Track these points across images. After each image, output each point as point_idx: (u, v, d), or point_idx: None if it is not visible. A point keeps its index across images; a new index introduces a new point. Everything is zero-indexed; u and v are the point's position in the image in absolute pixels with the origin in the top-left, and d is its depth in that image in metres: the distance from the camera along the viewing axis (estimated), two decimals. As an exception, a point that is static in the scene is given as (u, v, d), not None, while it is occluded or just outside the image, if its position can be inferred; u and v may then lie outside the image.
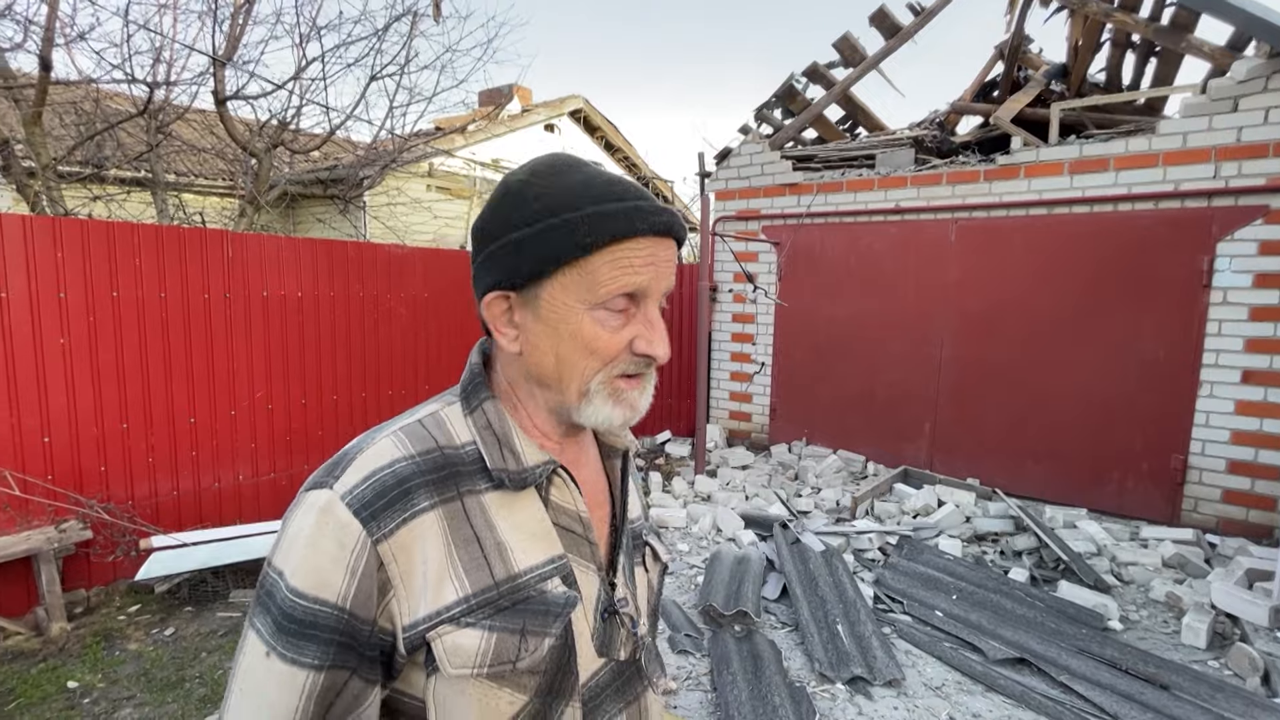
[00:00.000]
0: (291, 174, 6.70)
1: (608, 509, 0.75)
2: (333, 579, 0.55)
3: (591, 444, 0.76)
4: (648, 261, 0.60)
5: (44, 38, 4.13)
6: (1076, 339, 4.31)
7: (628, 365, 0.63)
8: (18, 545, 2.82)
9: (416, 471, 0.59)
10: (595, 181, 0.61)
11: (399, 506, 0.57)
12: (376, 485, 0.57)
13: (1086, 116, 4.80)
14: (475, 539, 0.60)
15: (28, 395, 2.97)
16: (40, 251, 2.99)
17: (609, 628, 0.68)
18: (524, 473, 0.63)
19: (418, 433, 0.62)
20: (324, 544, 0.56)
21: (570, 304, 0.60)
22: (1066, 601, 3.04)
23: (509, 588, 0.60)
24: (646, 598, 0.77)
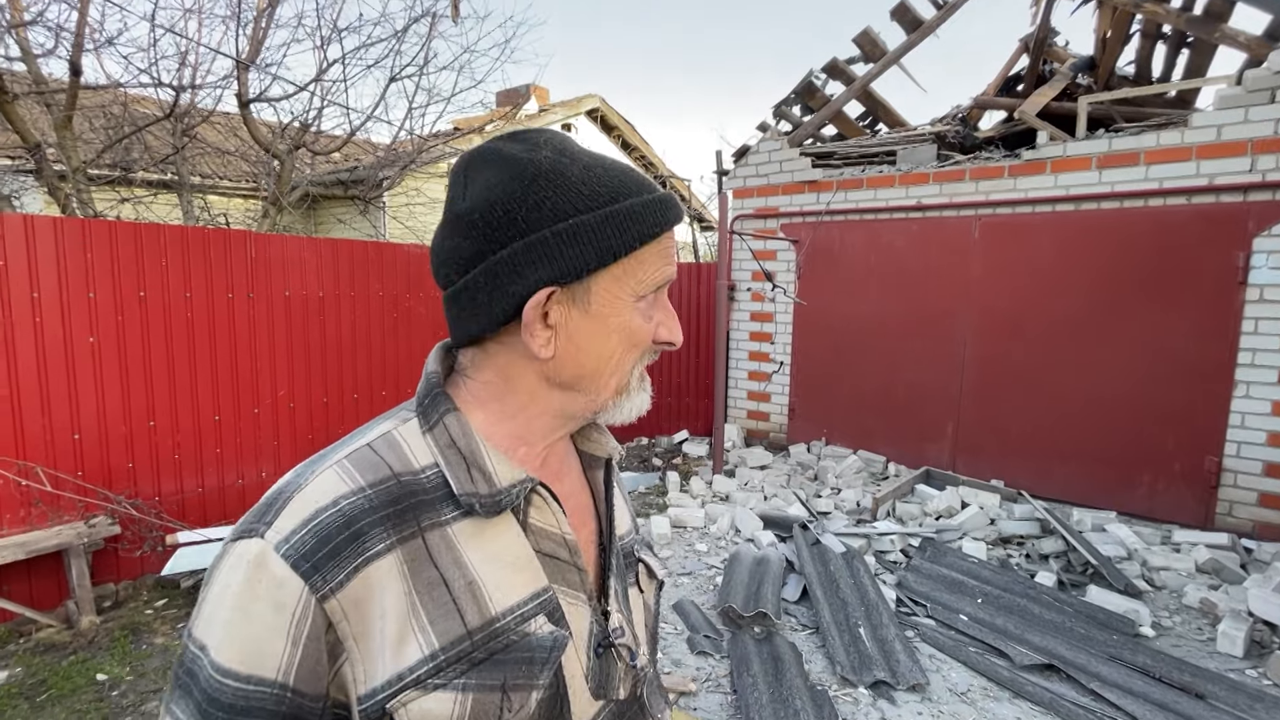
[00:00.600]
0: (313, 175, 6.79)
1: (594, 526, 0.67)
2: (270, 651, 0.46)
3: (573, 453, 0.69)
4: (670, 255, 0.59)
5: (74, 43, 4.22)
6: (1105, 337, 4.21)
7: (653, 354, 0.61)
8: (49, 540, 2.88)
9: (368, 508, 0.50)
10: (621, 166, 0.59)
11: (348, 553, 0.48)
12: (318, 530, 0.48)
13: (1115, 110, 4.68)
14: (442, 581, 0.51)
15: (58, 393, 3.04)
16: (70, 252, 3.05)
17: (605, 664, 0.60)
18: (497, 495, 0.54)
19: (367, 460, 0.53)
20: (257, 608, 0.46)
21: (622, 296, 0.56)
22: (1096, 607, 2.97)
23: (485, 635, 0.51)
24: (644, 622, 0.69)
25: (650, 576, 0.72)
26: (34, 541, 2.86)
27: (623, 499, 0.74)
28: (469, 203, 0.54)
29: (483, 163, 0.55)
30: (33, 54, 4.38)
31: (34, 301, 2.95)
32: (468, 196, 0.55)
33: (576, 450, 0.70)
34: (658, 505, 4.56)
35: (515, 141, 0.56)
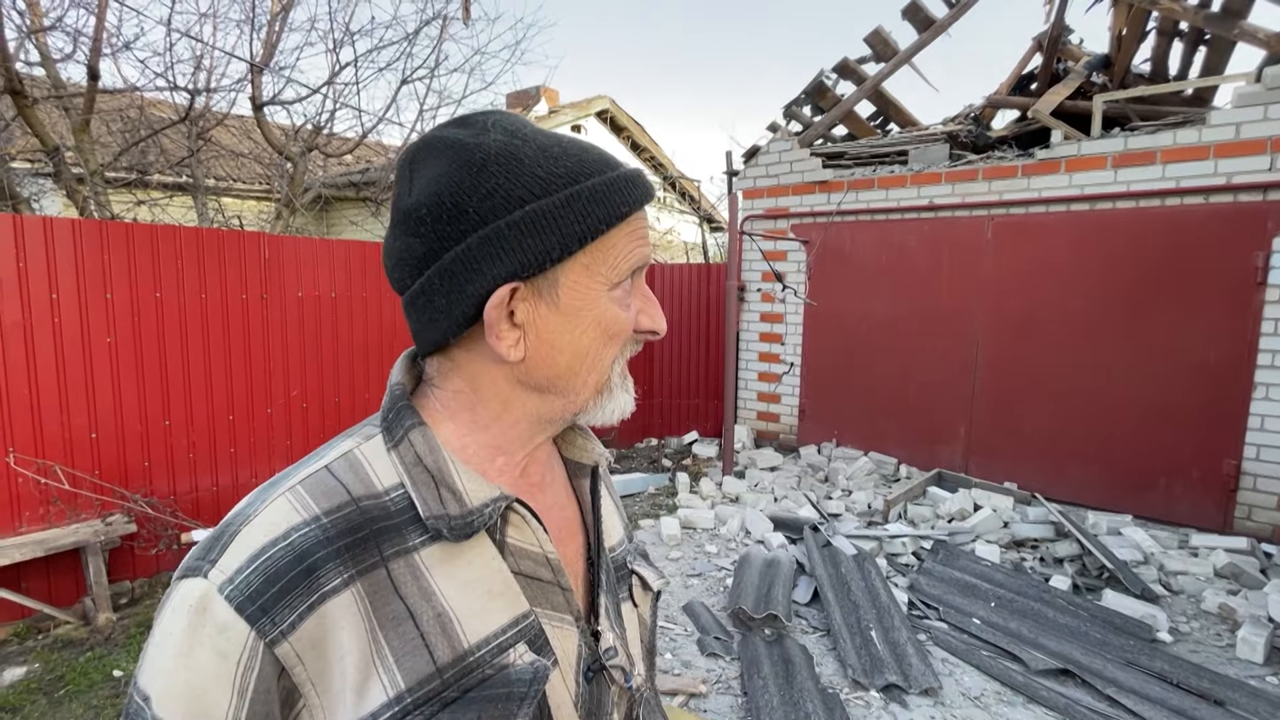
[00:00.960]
0: (325, 177, 6.85)
1: (580, 540, 0.62)
2: (214, 705, 0.42)
3: (556, 460, 0.64)
4: (642, 236, 0.54)
5: (92, 48, 4.28)
6: (1121, 339, 4.16)
7: (633, 346, 0.56)
8: (67, 537, 2.92)
9: (322, 540, 0.45)
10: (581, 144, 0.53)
11: (300, 591, 0.43)
12: (266, 568, 0.43)
13: (1131, 108, 4.63)
14: (409, 614, 0.46)
15: (76, 393, 3.08)
16: (88, 254, 3.09)
17: (596, 689, 0.56)
18: (468, 516, 0.49)
19: (324, 485, 0.48)
20: (199, 655, 0.42)
21: (593, 286, 0.51)
22: (1112, 611, 2.93)
23: (457, 672, 0.47)
24: (640, 638, 0.65)
25: (645, 589, 0.67)
26: (53, 539, 2.90)
27: (613, 507, 0.69)
28: (415, 197, 0.49)
29: (427, 152, 0.50)
30: (52, 59, 4.45)
31: (53, 303, 3.00)
32: (414, 191, 0.50)
33: (561, 457, 0.65)
34: (667, 506, 4.56)
35: (461, 126, 0.51)
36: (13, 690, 2.55)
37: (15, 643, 2.88)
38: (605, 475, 0.70)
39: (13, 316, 2.88)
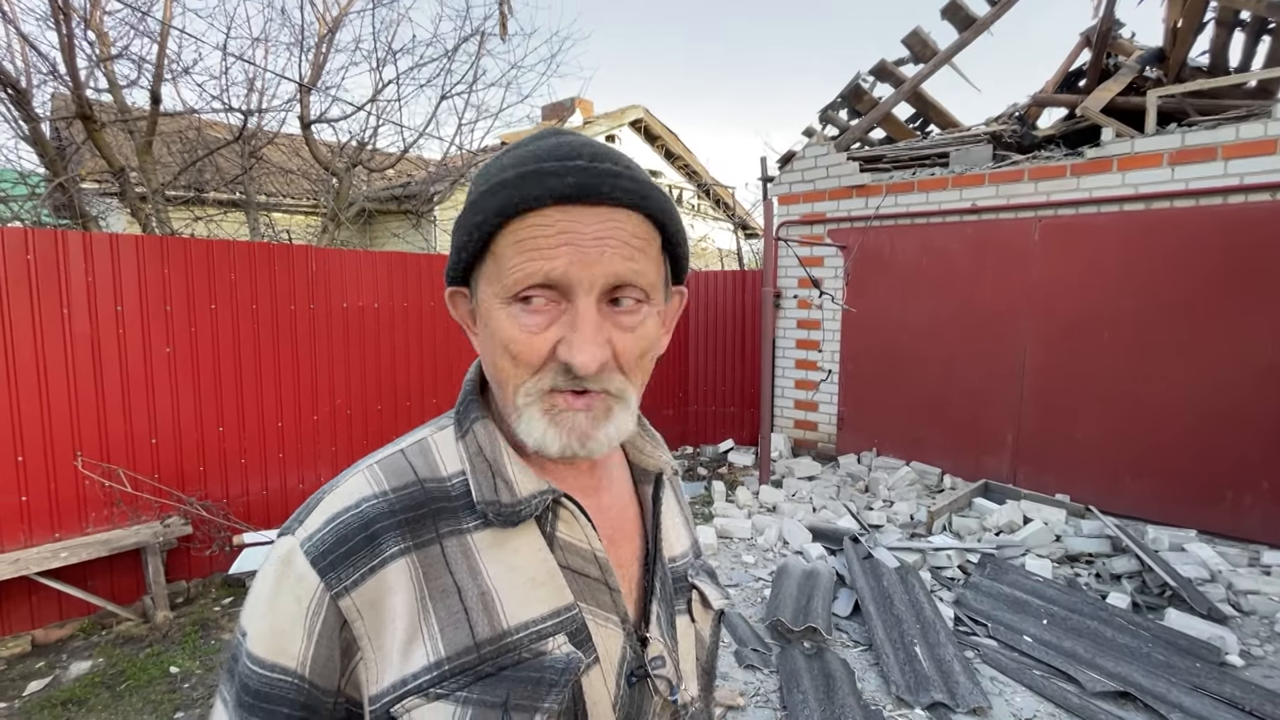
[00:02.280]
0: (369, 191, 7.07)
1: (638, 544, 0.61)
2: (290, 642, 0.47)
3: (619, 466, 0.64)
4: (561, 241, 0.46)
5: (154, 74, 4.54)
6: (1181, 342, 3.96)
7: (555, 378, 0.49)
8: (129, 538, 3.07)
9: (386, 512, 0.50)
10: (538, 148, 0.49)
11: (364, 554, 0.48)
12: (338, 530, 0.49)
13: (1188, 103, 4.42)
14: (455, 589, 0.49)
15: (139, 401, 3.24)
16: (150, 268, 3.26)
17: (637, 695, 0.55)
18: (516, 505, 0.51)
19: (396, 466, 0.53)
20: (282, 600, 0.48)
21: (491, 298, 0.50)
22: (1176, 632, 2.77)
23: (494, 649, 0.49)
24: (695, 655, 0.63)
25: (705, 606, 0.65)
26: (116, 539, 3.04)
27: (679, 519, 0.68)
28: None
29: None
30: (118, 85, 4.73)
31: (118, 315, 3.16)
32: None
33: (630, 462, 0.65)
34: (703, 515, 4.52)
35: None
36: (79, 683, 2.68)
37: (81, 638, 3.03)
38: (674, 486, 0.70)
39: (82, 328, 3.05)
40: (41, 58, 4.34)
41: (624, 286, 0.49)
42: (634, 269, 0.48)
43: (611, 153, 0.51)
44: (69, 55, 4.08)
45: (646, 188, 0.49)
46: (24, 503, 2.93)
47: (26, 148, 4.76)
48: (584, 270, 0.46)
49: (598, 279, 0.47)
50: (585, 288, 0.47)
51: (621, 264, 0.47)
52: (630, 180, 0.48)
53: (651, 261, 0.50)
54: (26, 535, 2.94)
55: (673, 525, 0.66)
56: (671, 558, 0.63)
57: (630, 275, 0.48)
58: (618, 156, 0.51)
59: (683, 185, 12.23)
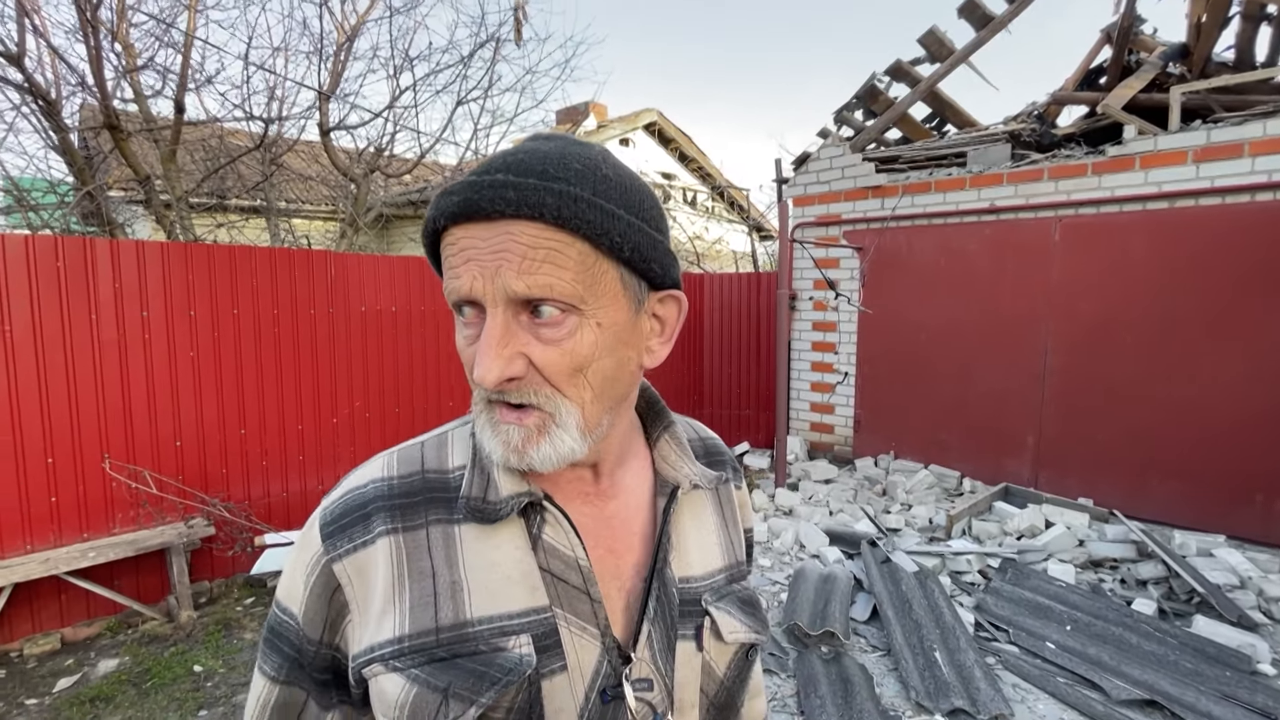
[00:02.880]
0: (386, 197, 7.15)
1: (641, 556, 0.59)
2: (296, 591, 0.54)
3: (640, 475, 0.62)
4: (464, 259, 0.47)
5: (178, 84, 4.63)
6: (1207, 343, 3.88)
7: (485, 390, 0.49)
8: (154, 539, 3.13)
9: (383, 494, 0.54)
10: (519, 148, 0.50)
11: (358, 529, 0.53)
12: (345, 504, 0.54)
13: (1213, 99, 4.34)
14: (431, 573, 0.52)
15: (164, 403, 3.30)
16: (175, 274, 3.32)
17: (611, 714, 0.52)
18: (495, 504, 0.53)
19: (410, 455, 0.57)
20: (300, 555, 0.55)
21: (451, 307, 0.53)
22: (1205, 639, 2.71)
23: (451, 636, 0.50)
24: (700, 686, 0.59)
25: (719, 638, 0.60)
26: (142, 540, 3.10)
27: (712, 537, 0.65)
28: None
29: None
30: (144, 95, 4.83)
31: (144, 320, 3.23)
32: None
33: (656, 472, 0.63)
34: (719, 518, 4.50)
35: None
36: (106, 681, 2.73)
37: (108, 636, 3.10)
38: (724, 502, 0.68)
39: (109, 334, 3.12)
40: (71, 70, 4.45)
41: (542, 299, 0.46)
42: (535, 282, 0.45)
43: (524, 161, 0.47)
44: (97, 67, 4.19)
45: (540, 194, 0.45)
46: (54, 503, 3.00)
47: (56, 157, 4.89)
48: (486, 285, 0.46)
49: (498, 293, 0.46)
50: (490, 301, 0.47)
51: (515, 279, 0.45)
52: (519, 189, 0.45)
53: (567, 270, 0.46)
54: (56, 535, 3.01)
55: (697, 543, 0.62)
56: (686, 577, 0.60)
57: (530, 290, 0.45)
58: (528, 164, 0.47)
59: (697, 188, 12.23)
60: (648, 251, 0.51)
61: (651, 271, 0.52)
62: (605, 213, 0.48)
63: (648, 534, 0.60)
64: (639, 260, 0.51)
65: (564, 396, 0.50)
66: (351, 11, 5.41)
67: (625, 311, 0.51)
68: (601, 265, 0.49)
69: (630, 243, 0.49)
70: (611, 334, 0.50)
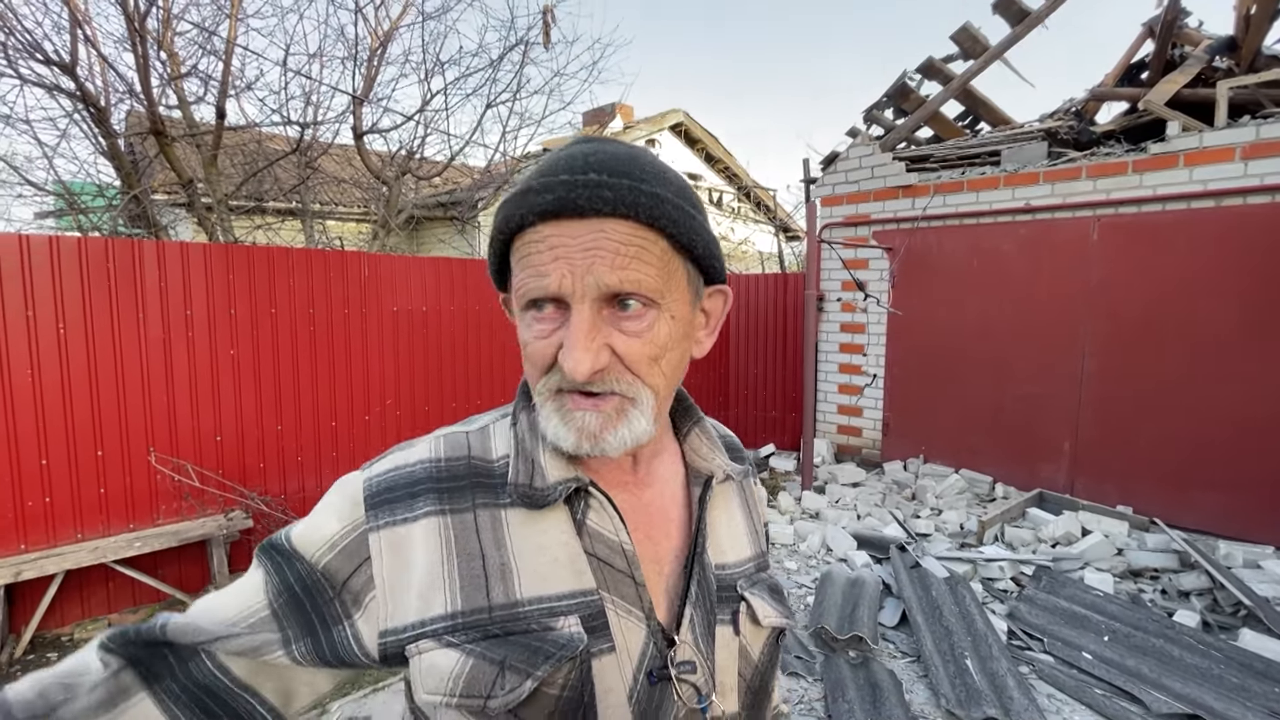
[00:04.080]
0: (417, 199, 7.27)
1: (680, 544, 0.61)
2: (319, 540, 0.55)
3: (671, 466, 0.65)
4: (552, 256, 0.49)
5: (220, 90, 4.78)
6: (1256, 347, 3.74)
7: (561, 379, 0.52)
8: (196, 530, 3.23)
9: (431, 475, 0.56)
10: (546, 163, 0.52)
11: (402, 505, 0.55)
12: (391, 479, 0.56)
13: (1262, 94, 4.17)
14: (480, 555, 0.54)
15: (205, 400, 3.41)
16: (216, 274, 3.43)
17: (657, 695, 0.54)
18: (544, 489, 0.55)
19: (457, 440, 0.60)
20: (329, 512, 0.56)
21: (515, 302, 0.54)
22: (1252, 654, 2.61)
23: (504, 614, 0.52)
24: (738, 669, 0.61)
25: (755, 622, 0.63)
26: (184, 531, 3.21)
27: (741, 526, 0.67)
28: None
29: None
30: (187, 102, 5.00)
31: (187, 319, 3.34)
32: None
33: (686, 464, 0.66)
34: (744, 520, 4.48)
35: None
36: (150, 667, 2.83)
37: (152, 624, 3.21)
38: (744, 490, 0.71)
39: (155, 332, 3.24)
40: (119, 78, 4.63)
41: (631, 293, 0.50)
42: (627, 278, 0.49)
43: (609, 161, 0.50)
44: (144, 75, 4.34)
45: (634, 194, 0.48)
46: (102, 494, 3.12)
47: (104, 162, 5.08)
48: (575, 282, 0.48)
49: (589, 289, 0.49)
50: (578, 298, 0.49)
51: (609, 274, 0.48)
52: (615, 189, 0.48)
53: (651, 267, 0.50)
54: (105, 525, 3.14)
55: (728, 532, 0.65)
56: (721, 564, 0.62)
57: (623, 285, 0.49)
58: (615, 164, 0.50)
59: (723, 188, 12.19)
60: (712, 248, 0.56)
61: (712, 268, 0.57)
62: (683, 212, 0.52)
63: (683, 522, 0.62)
64: (706, 256, 0.56)
65: (643, 383, 0.53)
66: (385, 18, 5.53)
67: (689, 305, 0.56)
68: (675, 261, 0.53)
69: (701, 240, 0.54)
70: (681, 326, 0.55)
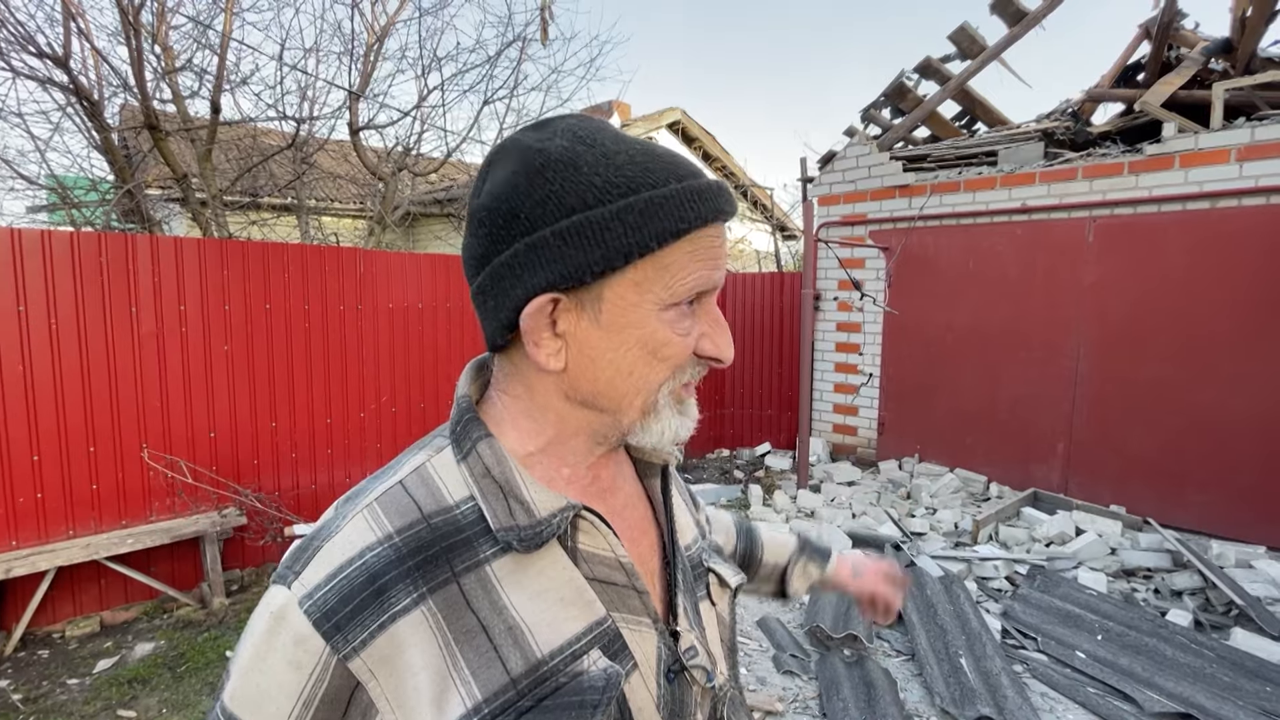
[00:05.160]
0: (413, 195, 7.25)
1: (654, 538, 0.61)
2: (276, 708, 0.44)
3: (625, 460, 0.63)
4: (715, 254, 0.51)
5: (214, 85, 4.75)
6: (1251, 349, 3.76)
7: (694, 371, 0.53)
8: (189, 527, 3.21)
9: (394, 560, 0.46)
10: (654, 150, 0.50)
11: (372, 611, 0.45)
12: (342, 588, 0.45)
13: (1257, 96, 4.19)
14: (481, 628, 0.47)
15: (199, 396, 3.39)
16: (210, 270, 3.41)
17: (678, 689, 0.55)
18: (537, 527, 0.49)
19: (398, 502, 0.49)
20: (272, 660, 0.45)
21: (642, 305, 0.49)
22: (1243, 653, 2.63)
23: (530, 682, 0.47)
24: (720, 636, 0.64)
25: (722, 586, 0.66)
26: (177, 528, 3.20)
27: (684, 505, 0.69)
28: (481, 199, 0.51)
29: (501, 155, 0.51)
30: (181, 96, 4.97)
31: (180, 314, 3.32)
32: (482, 191, 0.51)
33: (631, 456, 0.64)
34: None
35: (535, 130, 0.51)
36: (143, 664, 2.82)
37: (145, 620, 3.19)
38: (675, 474, 0.70)
39: (149, 327, 3.22)
40: (113, 71, 4.59)
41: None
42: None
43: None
44: (138, 68, 4.31)
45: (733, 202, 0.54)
46: (95, 491, 3.10)
47: (97, 156, 5.04)
48: (723, 277, 0.53)
49: (720, 284, 0.53)
50: (716, 292, 0.53)
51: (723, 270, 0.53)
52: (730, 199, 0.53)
53: None
54: (97, 522, 3.12)
55: (681, 514, 0.67)
56: (685, 546, 0.64)
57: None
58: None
59: (720, 187, 12.17)
60: None
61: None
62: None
63: (649, 516, 0.62)
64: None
65: None
66: (382, 13, 5.50)
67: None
68: None
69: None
70: None
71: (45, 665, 2.81)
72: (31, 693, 2.62)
